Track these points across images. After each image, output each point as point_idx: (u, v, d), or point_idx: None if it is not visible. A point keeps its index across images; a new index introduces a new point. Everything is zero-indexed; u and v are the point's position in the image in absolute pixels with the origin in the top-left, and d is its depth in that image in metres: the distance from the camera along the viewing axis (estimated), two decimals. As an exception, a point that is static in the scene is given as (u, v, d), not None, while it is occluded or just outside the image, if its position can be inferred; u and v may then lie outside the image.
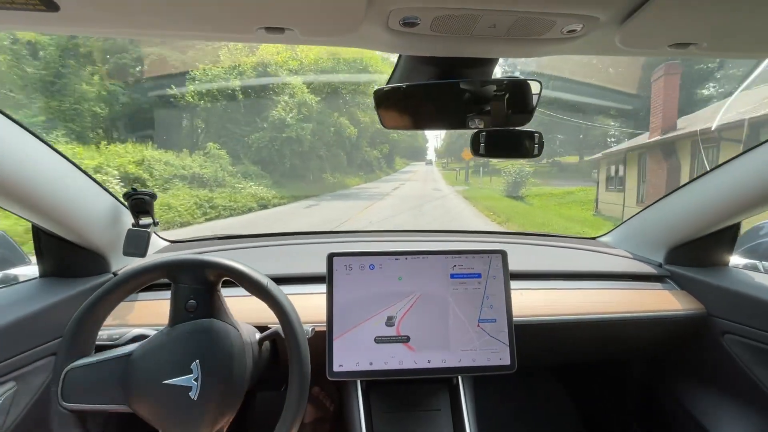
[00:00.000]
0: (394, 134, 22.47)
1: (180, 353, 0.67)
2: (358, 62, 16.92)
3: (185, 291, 0.70)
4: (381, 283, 0.89)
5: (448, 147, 42.38)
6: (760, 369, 0.96)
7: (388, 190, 18.07)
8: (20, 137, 0.73)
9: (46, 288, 0.90)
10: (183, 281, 0.70)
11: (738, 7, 0.47)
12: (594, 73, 16.77)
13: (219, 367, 0.68)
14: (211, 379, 0.67)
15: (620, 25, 0.51)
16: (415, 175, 29.97)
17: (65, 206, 0.83)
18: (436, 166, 42.24)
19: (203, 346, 0.68)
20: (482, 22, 0.50)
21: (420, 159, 49.22)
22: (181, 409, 0.65)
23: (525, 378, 1.52)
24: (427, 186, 21.55)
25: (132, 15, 0.47)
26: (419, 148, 49.07)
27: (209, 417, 0.67)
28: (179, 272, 0.70)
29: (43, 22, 0.48)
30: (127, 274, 0.69)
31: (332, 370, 0.84)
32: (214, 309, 0.71)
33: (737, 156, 0.95)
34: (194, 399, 0.65)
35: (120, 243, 0.97)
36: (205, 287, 0.70)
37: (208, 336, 0.69)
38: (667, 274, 1.18)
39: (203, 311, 0.70)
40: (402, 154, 39.30)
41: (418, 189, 19.81)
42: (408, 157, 44.20)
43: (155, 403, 0.66)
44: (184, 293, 0.70)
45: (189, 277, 0.70)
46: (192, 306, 0.69)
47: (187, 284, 0.70)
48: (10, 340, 0.76)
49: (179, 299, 0.70)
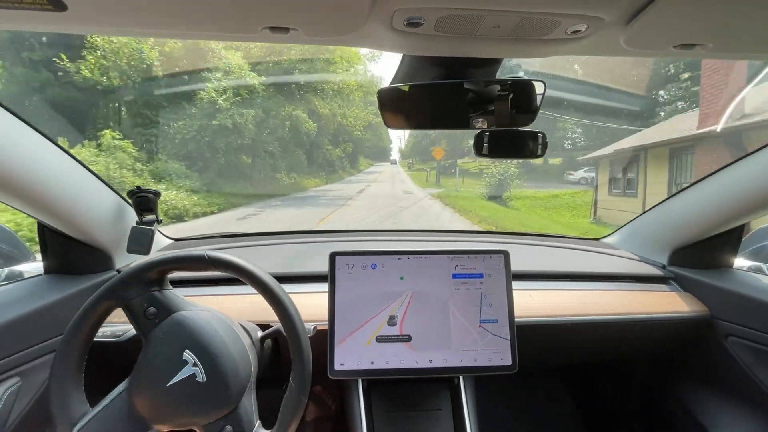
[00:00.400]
0: (357, 132, 21.11)
1: (167, 355, 0.67)
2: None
3: (138, 303, 0.70)
4: (383, 283, 0.89)
5: (414, 147, 41.61)
6: (763, 371, 0.96)
7: (352, 192, 15.84)
8: (26, 135, 0.73)
9: (50, 285, 0.91)
10: (132, 296, 0.69)
11: (744, 7, 0.47)
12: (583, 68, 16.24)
13: (208, 343, 0.68)
14: (208, 355, 0.67)
15: (625, 25, 0.51)
16: (381, 175, 28.05)
17: (70, 204, 0.84)
18: (401, 167, 40.97)
19: (184, 337, 0.68)
20: (486, 22, 0.50)
21: (384, 159, 47.93)
22: (199, 394, 0.66)
23: (526, 378, 1.52)
24: (396, 188, 19.40)
25: (138, 15, 0.48)
26: (383, 148, 48.28)
27: (231, 387, 0.67)
28: (125, 291, 0.69)
29: (50, 22, 0.48)
30: (81, 310, 0.68)
31: (333, 369, 0.84)
32: (174, 304, 0.71)
33: (742, 157, 0.94)
34: (204, 380, 0.66)
35: (124, 240, 0.98)
36: (154, 289, 0.71)
37: (182, 327, 0.69)
38: (670, 275, 1.18)
39: (165, 310, 0.70)
40: (366, 153, 38.00)
41: (387, 191, 17.47)
42: (372, 157, 42.91)
43: (174, 408, 0.66)
44: (138, 306, 0.69)
45: (135, 291, 0.70)
46: (152, 312, 0.69)
47: (137, 297, 0.70)
48: (15, 336, 0.77)
49: (137, 314, 0.69)
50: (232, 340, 0.71)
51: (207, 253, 0.70)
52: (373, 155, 43.57)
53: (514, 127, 0.77)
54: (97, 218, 0.92)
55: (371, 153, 41.88)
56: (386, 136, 47.52)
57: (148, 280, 0.70)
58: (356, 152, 29.73)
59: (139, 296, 0.70)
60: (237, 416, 0.67)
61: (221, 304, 0.97)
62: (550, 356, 1.20)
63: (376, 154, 45.22)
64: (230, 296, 0.99)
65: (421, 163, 36.40)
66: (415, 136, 39.66)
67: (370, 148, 38.26)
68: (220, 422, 0.66)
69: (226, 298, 0.98)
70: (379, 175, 28.45)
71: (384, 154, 48.93)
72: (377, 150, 44.92)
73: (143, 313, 0.69)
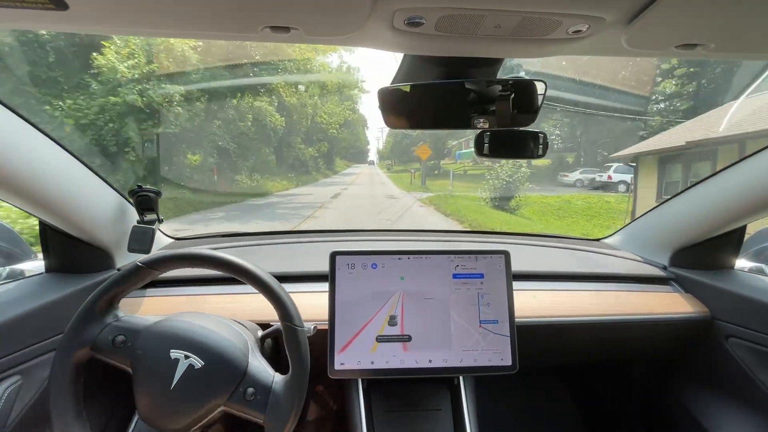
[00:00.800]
0: (333, 130, 19.59)
1: (156, 363, 0.66)
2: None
3: (104, 339, 0.68)
4: (383, 283, 0.89)
5: (393, 147, 40.03)
6: (764, 373, 0.96)
7: (325, 197, 12.97)
8: (27, 133, 0.73)
9: (51, 283, 0.91)
10: (95, 334, 0.68)
11: (745, 7, 0.46)
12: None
13: (188, 333, 0.69)
14: (193, 342, 0.68)
15: (626, 25, 0.51)
16: (358, 177, 26.23)
17: (71, 202, 0.84)
18: (379, 168, 39.26)
19: (163, 341, 0.68)
20: (487, 22, 0.50)
21: (362, 160, 46.19)
22: (205, 378, 0.66)
23: (527, 378, 1.52)
24: (376, 192, 16.59)
25: (139, 14, 0.48)
26: (361, 148, 46.53)
27: (231, 356, 0.68)
28: (84, 334, 0.68)
29: (52, 21, 0.48)
30: (55, 368, 0.66)
31: (333, 369, 0.84)
32: (137, 323, 0.71)
33: (744, 158, 0.94)
34: (203, 363, 0.66)
35: (125, 240, 0.98)
36: (110, 321, 0.70)
37: (156, 334, 0.69)
38: (671, 276, 1.18)
39: (132, 332, 0.69)
40: (342, 154, 36.58)
41: (366, 197, 14.54)
42: (349, 158, 41.14)
43: (191, 403, 0.66)
44: (106, 341, 0.68)
45: (93, 329, 0.68)
46: (121, 340, 0.68)
47: (99, 333, 0.68)
48: (15, 334, 0.77)
49: (109, 349, 0.68)
50: (208, 321, 0.72)
51: (138, 261, 0.70)
52: (350, 156, 41.93)
53: (515, 127, 0.77)
54: (98, 217, 0.92)
55: (348, 154, 40.44)
56: (363, 136, 46.08)
57: (99, 313, 0.69)
58: (332, 152, 28.61)
59: (101, 331, 0.68)
60: (251, 377, 0.68)
61: (221, 304, 0.97)
62: (550, 356, 1.20)
63: (353, 155, 43.73)
64: (230, 296, 0.99)
65: (400, 164, 35.08)
66: (395, 136, 37.72)
67: (346, 148, 36.83)
68: (239, 390, 0.67)
69: (225, 298, 0.99)
70: (357, 177, 26.67)
71: (361, 155, 47.23)
72: (355, 150, 43.43)
73: (113, 345, 0.68)
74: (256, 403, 0.66)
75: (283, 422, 0.66)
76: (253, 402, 0.66)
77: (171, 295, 1.00)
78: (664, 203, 1.20)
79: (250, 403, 0.66)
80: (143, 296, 0.99)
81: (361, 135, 42.73)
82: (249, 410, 0.66)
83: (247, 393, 0.67)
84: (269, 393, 0.67)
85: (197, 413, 0.66)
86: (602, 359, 1.33)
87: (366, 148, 48.71)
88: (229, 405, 0.67)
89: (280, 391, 0.68)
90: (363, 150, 48.42)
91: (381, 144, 48.22)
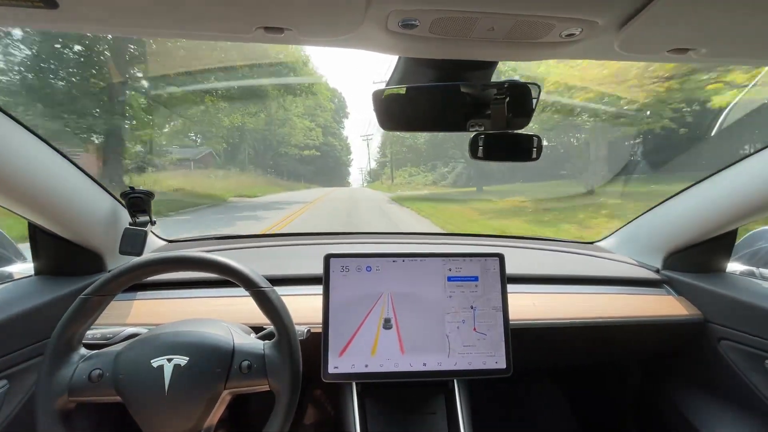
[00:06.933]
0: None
1: (142, 377, 0.65)
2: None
3: (79, 377, 0.64)
4: (377, 285, 0.88)
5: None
6: (755, 375, 0.96)
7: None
8: (18, 134, 0.72)
9: (40, 286, 0.89)
10: (69, 376, 0.64)
11: (736, 12, 0.47)
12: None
13: (160, 338, 0.68)
14: (170, 344, 0.67)
15: (619, 29, 0.51)
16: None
17: (62, 204, 0.83)
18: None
19: (140, 356, 0.66)
20: (481, 24, 0.50)
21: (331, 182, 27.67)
22: (195, 372, 0.65)
23: (521, 381, 1.52)
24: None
25: (130, 14, 0.47)
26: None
27: (213, 341, 0.68)
28: (58, 375, 0.64)
29: (42, 19, 0.47)
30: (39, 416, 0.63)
31: (327, 372, 0.84)
32: (107, 353, 0.68)
33: (736, 162, 0.95)
34: (187, 360, 0.65)
35: (116, 242, 0.97)
36: (81, 358, 0.67)
37: (131, 353, 0.67)
38: (664, 279, 1.18)
39: (106, 361, 0.66)
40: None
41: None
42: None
43: (189, 400, 0.65)
44: (82, 379, 0.64)
45: (65, 370, 0.64)
46: (98, 373, 0.65)
47: (74, 372, 0.65)
48: (3, 338, 0.75)
49: (88, 387, 0.64)
50: (179, 324, 0.72)
51: (83, 294, 0.66)
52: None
53: (510, 130, 0.77)
54: (89, 219, 0.91)
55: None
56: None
57: (64, 357, 0.66)
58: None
59: (73, 373, 0.65)
60: (242, 351, 0.68)
61: (213, 306, 0.96)
62: (543, 359, 1.20)
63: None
64: (222, 298, 0.98)
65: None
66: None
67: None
68: (234, 367, 0.67)
69: (218, 300, 0.98)
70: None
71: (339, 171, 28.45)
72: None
73: (91, 381, 0.64)
74: (255, 372, 0.67)
75: (287, 381, 0.66)
76: (252, 372, 0.67)
77: (161, 298, 0.99)
78: (658, 206, 1.21)
79: (249, 374, 0.66)
80: (132, 299, 0.98)
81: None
82: (251, 381, 0.67)
83: (242, 366, 0.67)
84: (264, 358, 0.67)
85: (202, 406, 0.65)
86: (596, 362, 1.33)
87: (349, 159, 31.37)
88: (231, 385, 0.66)
89: (273, 354, 0.68)
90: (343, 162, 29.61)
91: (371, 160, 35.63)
